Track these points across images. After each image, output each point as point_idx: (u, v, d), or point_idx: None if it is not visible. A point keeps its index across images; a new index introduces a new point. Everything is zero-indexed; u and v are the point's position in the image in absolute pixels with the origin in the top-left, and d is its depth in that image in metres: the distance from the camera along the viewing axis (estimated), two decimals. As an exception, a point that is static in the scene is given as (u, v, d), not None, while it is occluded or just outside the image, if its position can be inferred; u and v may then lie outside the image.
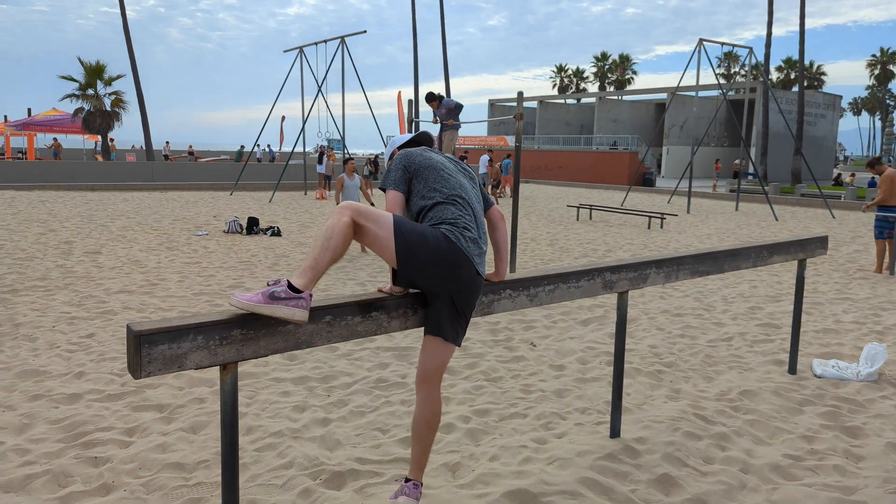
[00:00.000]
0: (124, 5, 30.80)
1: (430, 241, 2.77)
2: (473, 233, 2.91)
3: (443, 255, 2.78)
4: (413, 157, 3.02)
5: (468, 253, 2.84)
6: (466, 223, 2.89)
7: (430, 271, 2.79)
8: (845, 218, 19.57)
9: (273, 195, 21.79)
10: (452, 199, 2.93)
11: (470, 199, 3.01)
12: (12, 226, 13.08)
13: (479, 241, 2.94)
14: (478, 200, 3.11)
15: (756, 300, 8.10)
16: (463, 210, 2.93)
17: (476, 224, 2.97)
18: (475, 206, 3.04)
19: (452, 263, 2.80)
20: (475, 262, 2.88)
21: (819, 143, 44.09)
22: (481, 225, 3.03)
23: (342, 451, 3.85)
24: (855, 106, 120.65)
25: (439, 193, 2.93)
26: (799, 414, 4.58)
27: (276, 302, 2.48)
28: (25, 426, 4.09)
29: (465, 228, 2.87)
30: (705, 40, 19.99)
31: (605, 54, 79.93)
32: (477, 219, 3.00)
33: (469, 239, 2.87)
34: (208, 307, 7.11)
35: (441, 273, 2.81)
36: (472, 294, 2.94)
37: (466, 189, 3.04)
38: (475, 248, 2.89)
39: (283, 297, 2.49)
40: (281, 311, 2.47)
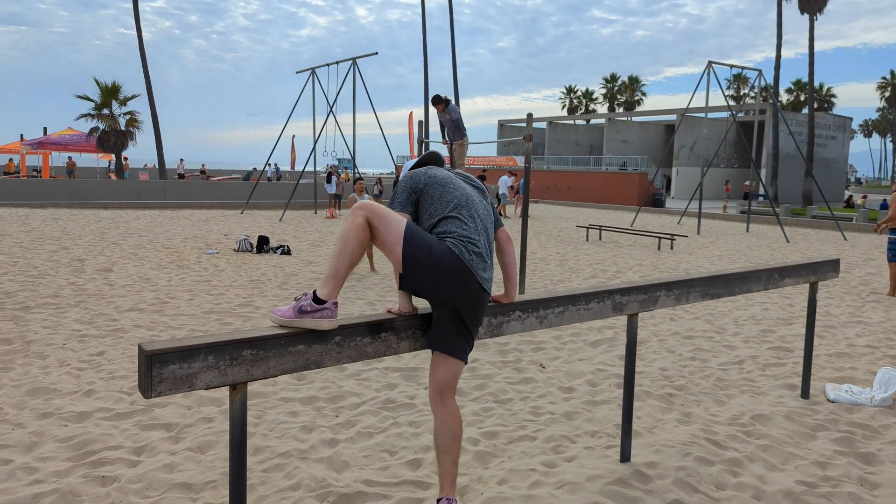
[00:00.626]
0: (140, 27, 31.25)
1: (435, 252, 2.78)
2: (480, 247, 2.90)
3: (446, 267, 2.78)
4: (417, 177, 3.04)
5: (472, 267, 2.84)
6: (471, 237, 2.88)
7: (433, 281, 2.81)
8: (857, 240, 19.45)
9: (283, 214, 21.89)
10: (458, 212, 2.92)
11: (477, 211, 3.00)
12: (25, 243, 13.19)
13: (484, 255, 2.93)
14: (487, 214, 3.09)
15: (768, 323, 8.04)
16: (469, 223, 2.92)
17: (484, 238, 2.97)
18: (484, 219, 3.03)
19: (456, 276, 2.81)
20: (479, 276, 2.87)
21: (830, 164, 43.98)
22: (490, 239, 3.03)
23: (350, 473, 3.83)
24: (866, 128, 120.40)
25: (445, 207, 2.93)
26: (812, 439, 4.53)
27: (303, 315, 2.64)
28: (34, 444, 4.10)
29: (469, 242, 2.87)
30: (714, 62, 20.04)
31: (615, 76, 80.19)
32: (485, 232, 3.00)
33: (474, 253, 2.86)
34: (218, 325, 7.12)
35: (444, 285, 2.81)
36: (476, 309, 2.94)
37: (474, 201, 3.03)
38: (480, 262, 2.89)
39: (309, 310, 2.64)
40: (308, 323, 2.63)
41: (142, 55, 31.29)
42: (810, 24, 36.46)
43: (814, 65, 36.61)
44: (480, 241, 2.93)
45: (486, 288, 2.95)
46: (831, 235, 20.72)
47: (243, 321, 7.34)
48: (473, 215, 2.96)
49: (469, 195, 3.03)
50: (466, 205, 2.97)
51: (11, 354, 5.89)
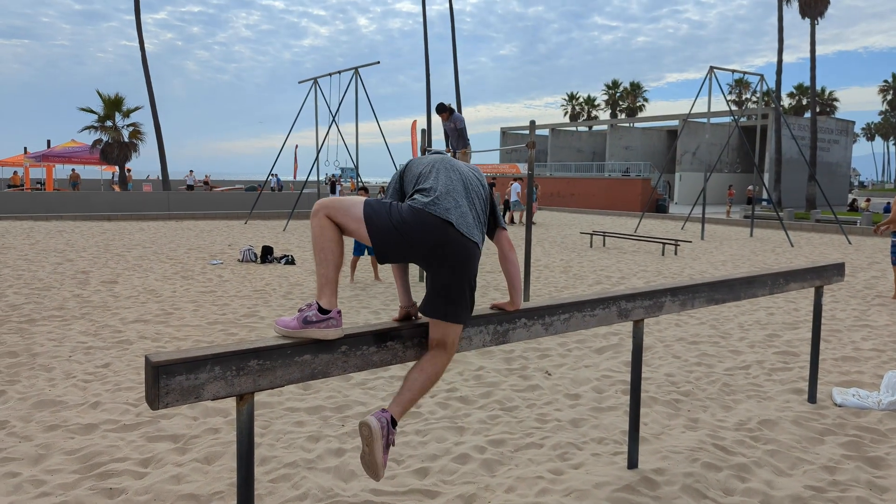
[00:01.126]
0: (143, 39, 31.41)
1: (394, 212, 2.74)
2: (454, 202, 2.80)
3: (407, 220, 2.72)
4: (402, 168, 3.09)
5: (442, 214, 2.74)
6: (439, 196, 2.79)
7: (402, 239, 2.73)
8: (861, 244, 19.40)
9: (287, 224, 21.93)
10: (426, 182, 2.87)
11: (454, 178, 2.91)
12: (30, 256, 13.23)
13: (464, 210, 2.82)
14: (476, 190, 2.97)
15: (773, 327, 8.02)
16: (438, 187, 2.83)
17: (465, 200, 2.86)
18: (467, 188, 2.92)
19: (423, 226, 2.72)
20: (455, 222, 2.75)
21: (833, 168, 43.94)
22: (480, 209, 2.93)
23: (357, 483, 3.82)
24: (868, 131, 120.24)
25: (415, 180, 2.92)
26: (820, 444, 4.51)
27: (309, 326, 2.64)
28: (41, 457, 4.10)
29: (437, 199, 2.78)
30: (716, 67, 20.07)
31: (617, 82, 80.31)
32: (466, 194, 2.89)
33: (443, 207, 2.76)
34: (223, 336, 7.13)
35: (414, 237, 2.72)
36: (460, 261, 2.78)
37: (452, 180, 2.91)
38: (456, 212, 2.78)
39: (314, 320, 2.64)
40: (314, 333, 2.63)
41: (144, 67, 31.43)
42: (811, 28, 36.49)
43: (815, 69, 36.62)
44: (456, 200, 2.82)
45: (473, 238, 2.81)
46: (835, 239, 20.68)
47: (248, 331, 7.35)
48: (446, 180, 2.88)
49: (448, 175, 2.93)
50: (438, 174, 2.90)
51: (17, 367, 5.90)
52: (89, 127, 29.75)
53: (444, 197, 2.79)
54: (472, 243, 2.80)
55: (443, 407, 5.10)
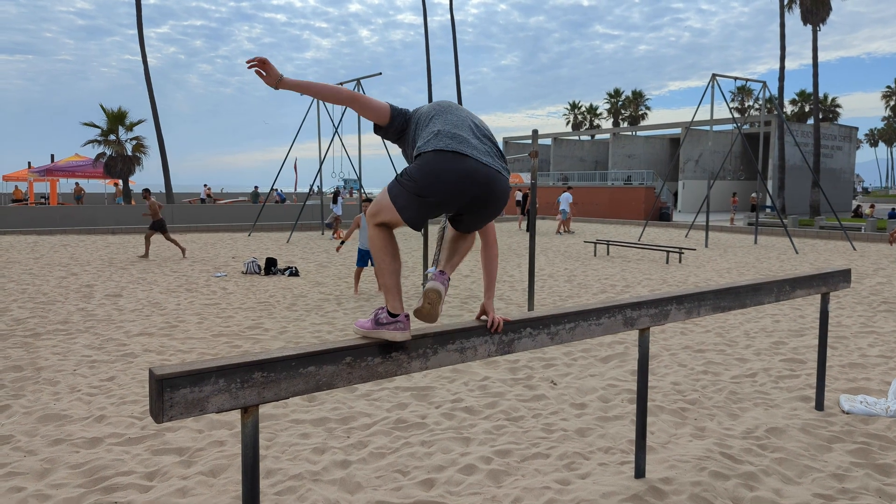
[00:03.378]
0: (145, 53, 31.60)
1: (405, 180, 2.73)
2: (461, 140, 2.78)
3: (425, 183, 2.70)
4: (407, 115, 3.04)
5: (460, 150, 2.72)
6: (446, 133, 2.78)
7: (423, 204, 2.74)
8: (866, 250, 19.35)
9: (290, 236, 21.96)
10: (434, 125, 2.85)
11: (461, 121, 2.89)
12: (35, 270, 13.26)
13: (471, 142, 2.80)
14: (483, 131, 2.93)
15: (779, 335, 7.99)
16: (443, 126, 2.82)
17: (472, 136, 2.83)
18: (468, 125, 2.89)
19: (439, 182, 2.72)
20: (470, 154, 2.74)
21: (836, 174, 43.90)
22: (483, 140, 2.87)
23: (362, 494, 3.81)
24: (871, 137, 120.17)
25: (423, 127, 2.89)
26: (828, 451, 4.48)
27: (380, 327, 2.75)
28: (46, 471, 4.09)
29: (445, 137, 2.76)
30: (718, 75, 20.10)
31: (619, 91, 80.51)
32: (473, 134, 2.86)
33: (455, 145, 2.74)
34: (228, 348, 7.12)
35: (438, 199, 2.75)
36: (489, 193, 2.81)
37: (461, 118, 2.91)
38: (468, 147, 2.76)
39: (384, 321, 2.73)
40: (384, 333, 2.74)
41: (147, 81, 31.59)
42: (813, 35, 36.57)
43: (818, 75, 36.66)
44: (466, 138, 2.80)
45: (495, 167, 2.81)
46: (840, 246, 20.62)
47: (253, 343, 7.34)
48: (454, 119, 2.87)
49: (449, 110, 2.95)
50: (445, 115, 2.89)
51: (22, 381, 5.90)
52: (92, 141, 29.89)
53: (452, 136, 2.77)
54: (493, 171, 2.79)
55: (448, 418, 5.08)
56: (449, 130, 2.80)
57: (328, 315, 9.02)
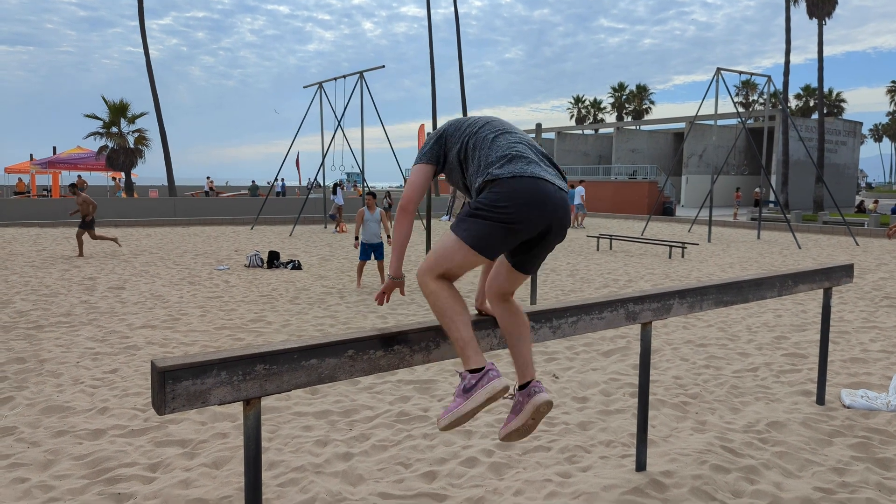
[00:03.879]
0: (147, 45, 31.54)
1: (510, 195, 2.53)
2: (534, 164, 2.63)
3: (512, 210, 2.54)
4: (448, 126, 2.83)
5: (541, 176, 2.58)
6: (521, 153, 2.65)
7: (509, 233, 2.57)
8: (869, 245, 19.32)
9: (293, 229, 21.98)
10: (500, 132, 2.73)
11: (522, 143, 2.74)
12: (37, 262, 13.29)
13: (543, 164, 2.68)
14: (536, 147, 2.80)
15: (781, 329, 7.99)
16: (510, 152, 2.65)
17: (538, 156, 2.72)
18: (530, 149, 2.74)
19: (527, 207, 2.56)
20: (551, 180, 2.61)
21: (840, 170, 43.77)
22: (542, 156, 2.76)
23: (365, 487, 3.82)
24: (876, 132, 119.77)
25: (482, 150, 2.69)
26: (829, 445, 4.48)
27: (471, 392, 2.54)
28: (50, 462, 4.11)
29: (525, 160, 2.61)
30: (723, 69, 20.04)
31: (623, 85, 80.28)
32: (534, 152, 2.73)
33: (533, 164, 2.61)
34: (230, 341, 7.14)
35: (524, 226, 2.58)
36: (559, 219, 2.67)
37: (521, 140, 2.76)
38: (544, 171, 2.63)
39: (473, 383, 2.54)
40: (481, 395, 2.51)
41: (149, 73, 31.55)
42: (819, 28, 36.42)
43: (823, 70, 36.53)
44: (531, 157, 2.67)
45: (564, 190, 2.70)
46: (843, 241, 20.59)
47: (255, 336, 7.36)
48: (516, 141, 2.73)
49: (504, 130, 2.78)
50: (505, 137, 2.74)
51: (25, 373, 5.93)
52: (94, 133, 29.89)
53: (527, 160, 2.63)
54: (565, 194, 2.70)
55: (450, 411, 5.09)
56: (521, 153, 2.65)
57: (331, 308, 9.04)
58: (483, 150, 2.68)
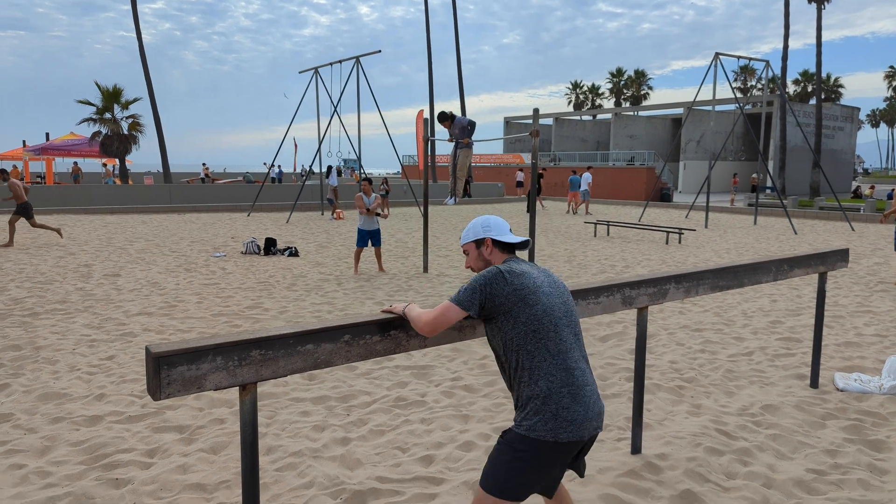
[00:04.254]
0: (140, 29, 31.27)
1: (535, 462, 2.42)
2: (571, 387, 2.43)
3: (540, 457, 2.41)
4: (502, 283, 2.48)
5: (571, 439, 2.41)
6: (559, 386, 2.42)
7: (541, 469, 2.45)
8: (865, 230, 19.36)
9: (290, 216, 21.94)
10: (542, 342, 2.45)
11: (560, 330, 2.49)
12: (32, 250, 13.26)
13: (583, 395, 2.44)
14: (568, 319, 2.56)
15: (776, 314, 8.02)
16: (554, 361, 2.44)
17: (574, 365, 2.48)
18: (568, 336, 2.52)
19: (561, 460, 2.45)
20: (583, 433, 2.43)
21: (837, 155, 43.78)
22: (581, 359, 2.53)
23: (362, 471, 3.84)
24: (873, 118, 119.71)
25: (527, 337, 2.46)
26: (822, 428, 4.52)
27: None
28: (47, 448, 4.13)
29: (561, 399, 2.41)
30: (722, 54, 19.97)
31: (621, 70, 80.00)
32: (573, 352, 2.50)
33: (567, 412, 2.40)
34: (227, 328, 7.15)
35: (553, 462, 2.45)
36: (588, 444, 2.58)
37: (556, 315, 2.51)
38: (578, 414, 2.42)
39: None
40: None
41: (142, 58, 31.31)
42: (818, 13, 36.28)
43: (821, 55, 36.44)
44: (572, 373, 2.46)
45: (596, 431, 2.50)
46: (839, 226, 20.63)
47: (252, 323, 7.37)
48: (559, 338, 2.48)
49: (553, 305, 2.53)
50: (554, 327, 2.49)
51: (21, 360, 5.93)
52: (88, 119, 29.72)
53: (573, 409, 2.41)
54: (601, 422, 2.54)
55: (448, 396, 5.12)
56: (571, 389, 2.43)
57: (328, 295, 9.04)
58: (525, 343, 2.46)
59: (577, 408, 2.41)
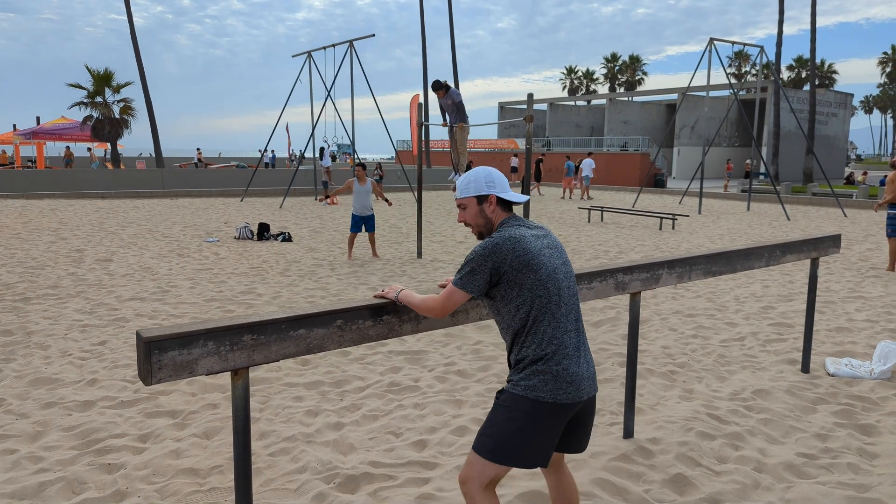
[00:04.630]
0: (131, 12, 30.97)
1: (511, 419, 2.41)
2: (570, 349, 2.44)
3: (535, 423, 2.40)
4: (504, 254, 2.42)
5: (570, 400, 2.41)
6: (560, 348, 2.42)
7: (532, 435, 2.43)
8: (857, 217, 19.42)
9: (283, 201, 21.87)
10: (546, 306, 2.43)
11: (562, 292, 2.48)
12: (23, 234, 13.19)
13: (579, 356, 2.46)
14: (568, 280, 2.54)
15: (768, 300, 8.05)
16: (557, 324, 2.44)
17: (573, 327, 2.49)
18: (568, 298, 2.51)
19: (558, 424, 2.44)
20: (581, 390, 2.44)
21: (830, 142, 43.82)
22: (578, 321, 2.53)
23: (355, 455, 3.85)
24: (867, 104, 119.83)
25: (533, 302, 2.43)
26: (812, 412, 4.55)
27: None
28: (39, 434, 4.12)
29: (561, 360, 2.41)
30: (716, 39, 19.91)
31: (616, 55, 79.78)
32: (571, 314, 2.50)
33: (566, 373, 2.40)
34: (220, 313, 7.14)
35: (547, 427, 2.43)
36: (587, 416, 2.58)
37: (559, 278, 2.49)
38: (576, 375, 2.43)
39: None
40: None
41: (133, 41, 30.99)
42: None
43: (815, 41, 36.34)
44: (570, 340, 2.46)
45: (592, 392, 2.50)
46: (832, 212, 20.69)
47: (245, 308, 7.35)
48: (560, 302, 2.47)
49: (555, 267, 2.50)
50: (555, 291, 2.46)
51: (13, 345, 5.91)
52: (79, 103, 29.45)
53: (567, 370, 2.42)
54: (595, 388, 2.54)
55: (441, 381, 5.12)
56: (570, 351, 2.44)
57: (321, 280, 9.03)
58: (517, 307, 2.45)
59: (575, 369, 2.43)
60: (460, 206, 2.67)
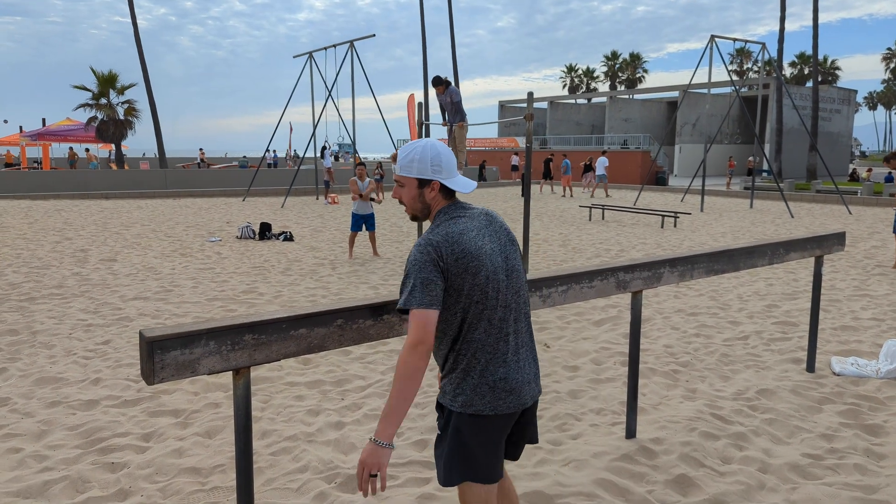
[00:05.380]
0: (135, 14, 31.03)
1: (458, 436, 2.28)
2: (508, 354, 2.27)
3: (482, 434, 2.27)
4: (445, 257, 2.20)
5: (511, 410, 2.27)
6: (495, 356, 2.25)
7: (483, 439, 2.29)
8: (862, 214, 19.36)
9: (285, 200, 21.88)
10: (482, 312, 2.24)
11: (500, 294, 2.27)
12: (29, 235, 13.21)
13: (518, 360, 2.30)
14: (511, 279, 2.32)
15: (772, 298, 8.03)
16: (492, 329, 2.25)
17: (511, 329, 2.30)
18: (509, 299, 2.30)
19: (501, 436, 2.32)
20: (524, 399, 2.30)
21: (834, 138, 43.72)
22: (518, 321, 2.34)
23: (356, 455, 3.85)
24: (870, 100, 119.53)
25: (469, 308, 2.23)
26: (818, 412, 4.53)
27: None
28: (43, 433, 4.12)
29: (497, 370, 2.25)
30: (717, 36, 19.87)
31: (616, 53, 79.73)
32: (510, 316, 2.30)
33: (503, 383, 2.25)
34: (223, 312, 7.14)
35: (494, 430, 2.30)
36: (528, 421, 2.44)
37: (499, 279, 2.27)
38: (516, 382, 2.27)
39: None
40: None
41: (137, 43, 31.06)
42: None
43: (818, 37, 36.26)
44: (506, 342, 2.28)
45: (536, 395, 2.37)
46: (836, 210, 20.64)
47: (247, 307, 7.36)
48: (497, 300, 2.26)
49: (496, 264, 2.28)
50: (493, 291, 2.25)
51: (18, 345, 5.92)
52: (84, 105, 29.56)
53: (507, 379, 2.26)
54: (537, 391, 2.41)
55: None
56: (508, 357, 2.28)
57: (323, 280, 9.03)
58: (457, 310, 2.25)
59: (514, 375, 2.27)
60: (398, 182, 2.40)
